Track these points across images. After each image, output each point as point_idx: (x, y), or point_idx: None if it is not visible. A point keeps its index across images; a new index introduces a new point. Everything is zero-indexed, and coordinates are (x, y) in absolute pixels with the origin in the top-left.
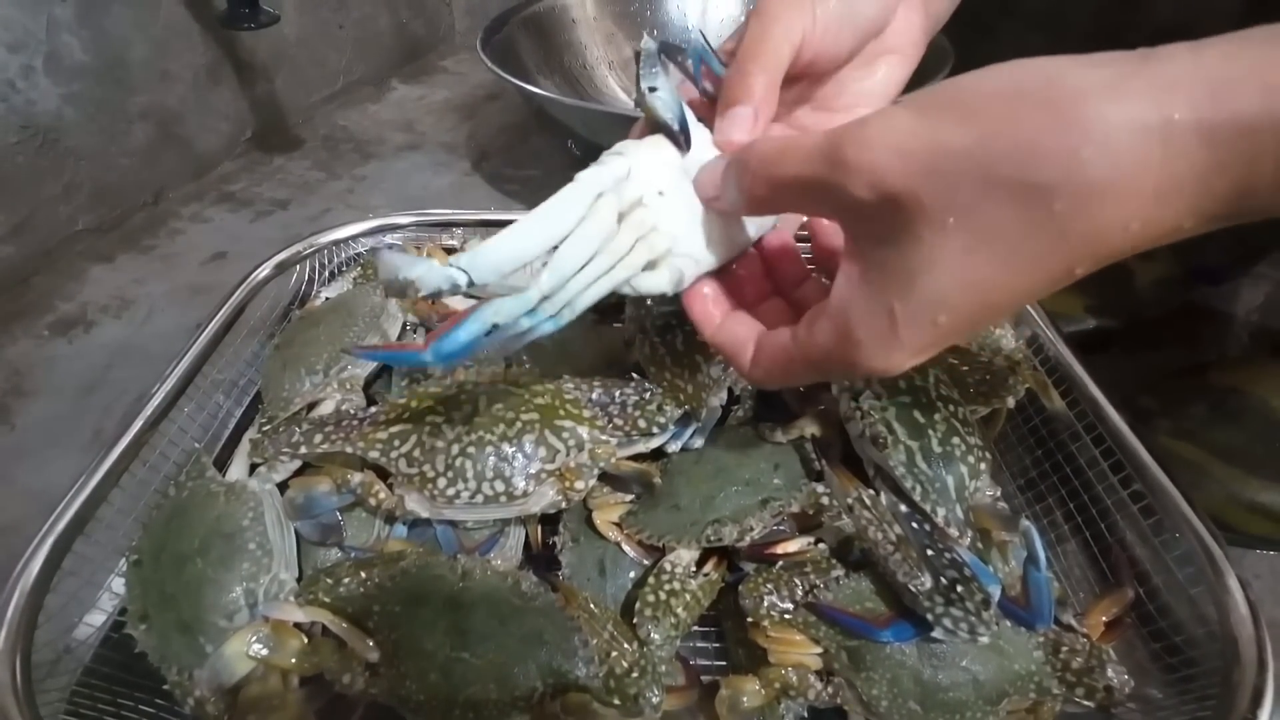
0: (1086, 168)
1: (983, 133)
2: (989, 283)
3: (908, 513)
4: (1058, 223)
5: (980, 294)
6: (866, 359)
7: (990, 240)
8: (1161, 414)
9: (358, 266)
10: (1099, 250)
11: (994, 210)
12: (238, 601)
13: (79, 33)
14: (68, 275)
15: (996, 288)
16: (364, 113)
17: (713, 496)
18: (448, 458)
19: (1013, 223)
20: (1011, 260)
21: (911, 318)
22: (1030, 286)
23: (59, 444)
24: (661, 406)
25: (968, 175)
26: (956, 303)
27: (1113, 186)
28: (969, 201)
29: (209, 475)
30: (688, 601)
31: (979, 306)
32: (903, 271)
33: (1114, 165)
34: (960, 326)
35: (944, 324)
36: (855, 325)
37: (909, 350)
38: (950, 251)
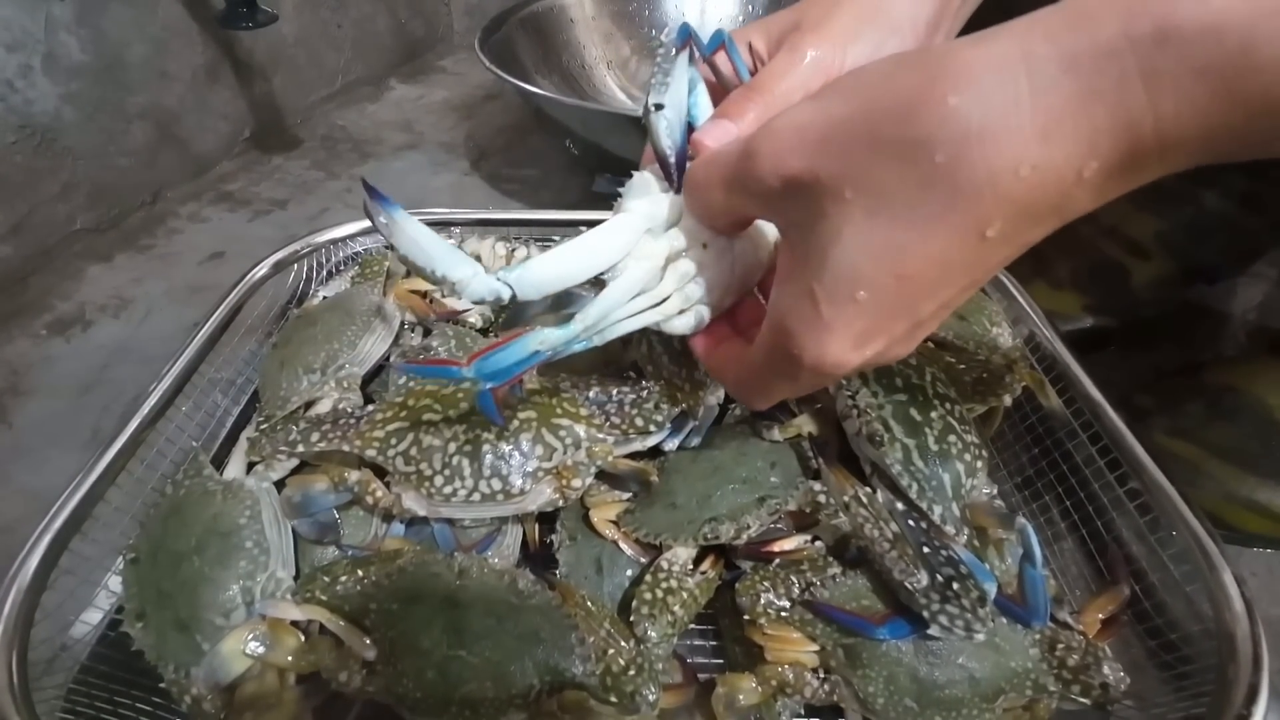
0: (958, 114)
1: (864, 100)
2: (897, 248)
3: (904, 510)
4: (945, 175)
5: (891, 261)
6: (802, 350)
7: (887, 202)
8: (1158, 412)
9: (355, 265)
10: (1000, 202)
11: (884, 172)
12: (234, 600)
13: (77, 32)
14: (65, 275)
15: (907, 254)
16: (362, 113)
17: (709, 495)
18: (445, 456)
19: (903, 182)
20: (912, 221)
21: (830, 295)
22: (943, 250)
23: (57, 443)
24: (658, 405)
25: (856, 142)
26: (871, 274)
27: (988, 129)
28: (861, 168)
29: (206, 474)
30: (685, 600)
31: (895, 278)
32: (816, 251)
33: (983, 107)
34: (886, 303)
35: (866, 301)
36: (784, 315)
37: (840, 335)
38: (853, 221)
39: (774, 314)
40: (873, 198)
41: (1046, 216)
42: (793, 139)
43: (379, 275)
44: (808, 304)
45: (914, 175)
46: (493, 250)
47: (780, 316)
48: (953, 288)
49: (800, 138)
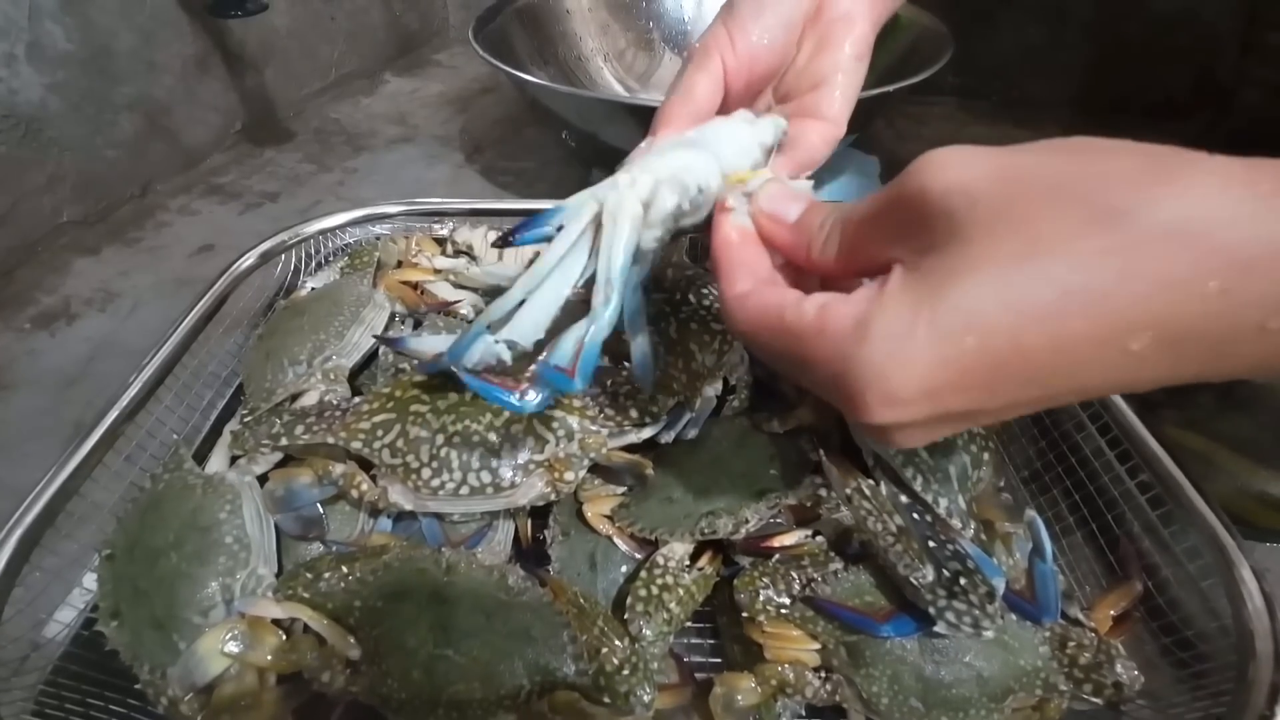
0: (1167, 201)
1: (1058, 153)
2: (1031, 309)
3: (908, 503)
4: (1127, 255)
5: (1017, 322)
6: (867, 357)
7: (1048, 251)
8: (1168, 403)
9: (345, 256)
10: (1167, 313)
11: (1058, 222)
12: (213, 597)
13: (63, 20)
14: (51, 268)
15: (1037, 320)
16: (356, 105)
17: (707, 489)
18: (432, 448)
19: (1075, 240)
20: (1064, 283)
21: (940, 320)
22: (1073, 336)
23: (39, 438)
24: (654, 396)
25: (1036, 184)
26: (991, 324)
27: (1192, 231)
28: (1032, 209)
29: (187, 467)
30: (681, 596)
31: (1010, 344)
32: (943, 273)
33: (1196, 209)
34: (982, 368)
35: (969, 349)
36: (874, 317)
37: (919, 364)
38: (999, 257)
39: (861, 308)
40: (1032, 241)
41: (1199, 354)
42: (957, 160)
43: (369, 266)
44: (907, 317)
45: (1092, 239)
46: (484, 239)
47: (867, 315)
48: (1049, 389)
49: (966, 160)
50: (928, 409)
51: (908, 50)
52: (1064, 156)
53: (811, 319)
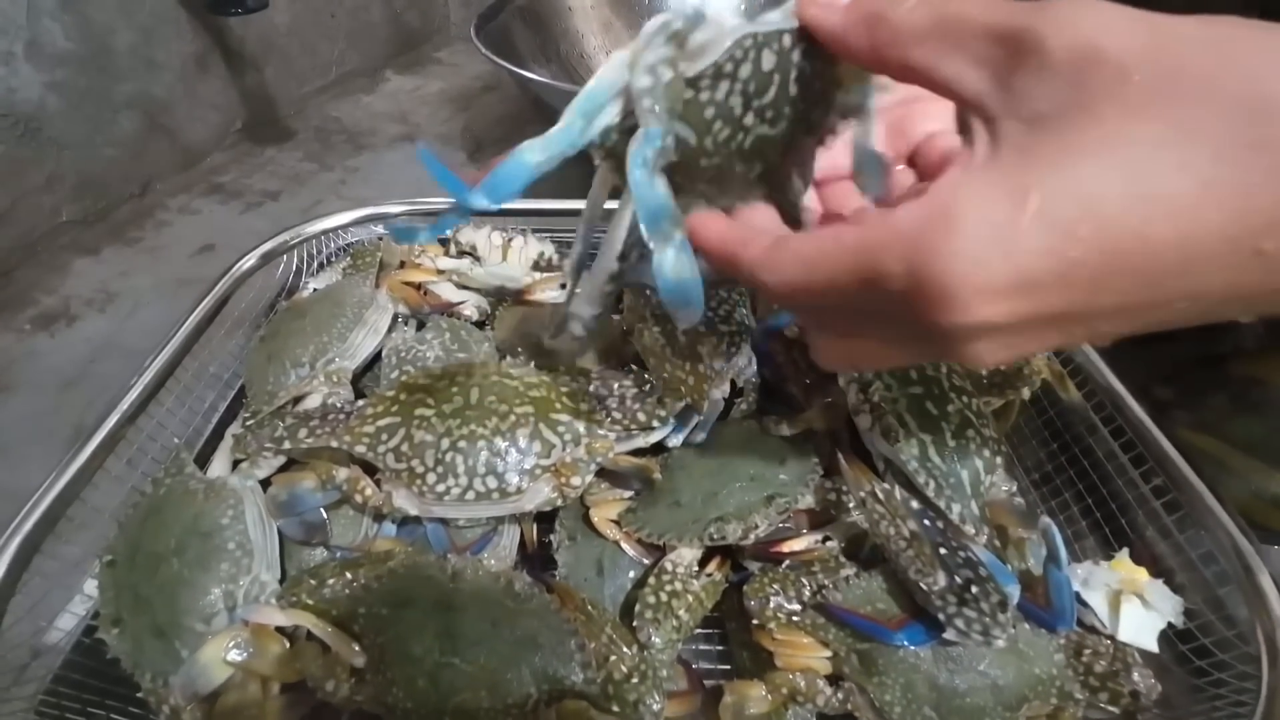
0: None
1: (1217, 28)
2: (1164, 201)
3: (920, 509)
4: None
5: (1146, 213)
6: (959, 247)
7: (1191, 139)
8: (1179, 405)
9: (347, 257)
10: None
11: (1209, 110)
12: (215, 604)
13: (61, 18)
14: (50, 268)
15: (1169, 213)
16: (357, 104)
17: (715, 493)
18: (437, 452)
19: (1227, 131)
20: (1207, 175)
21: (1050, 206)
22: (1207, 233)
23: (39, 441)
24: (661, 400)
25: (1194, 62)
26: (1114, 214)
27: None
28: (1182, 93)
29: (188, 472)
30: (690, 603)
31: (1134, 237)
32: (1058, 152)
33: None
34: (1095, 262)
35: (1083, 238)
36: (962, 203)
37: (1023, 253)
38: (1136, 140)
39: (941, 198)
40: (1177, 127)
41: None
42: (1108, 18)
43: (371, 267)
44: (1007, 201)
45: (1246, 136)
46: (488, 239)
47: (951, 203)
48: (1162, 292)
49: (1121, 23)
50: (1024, 307)
51: None
52: (1231, 31)
53: (878, 224)
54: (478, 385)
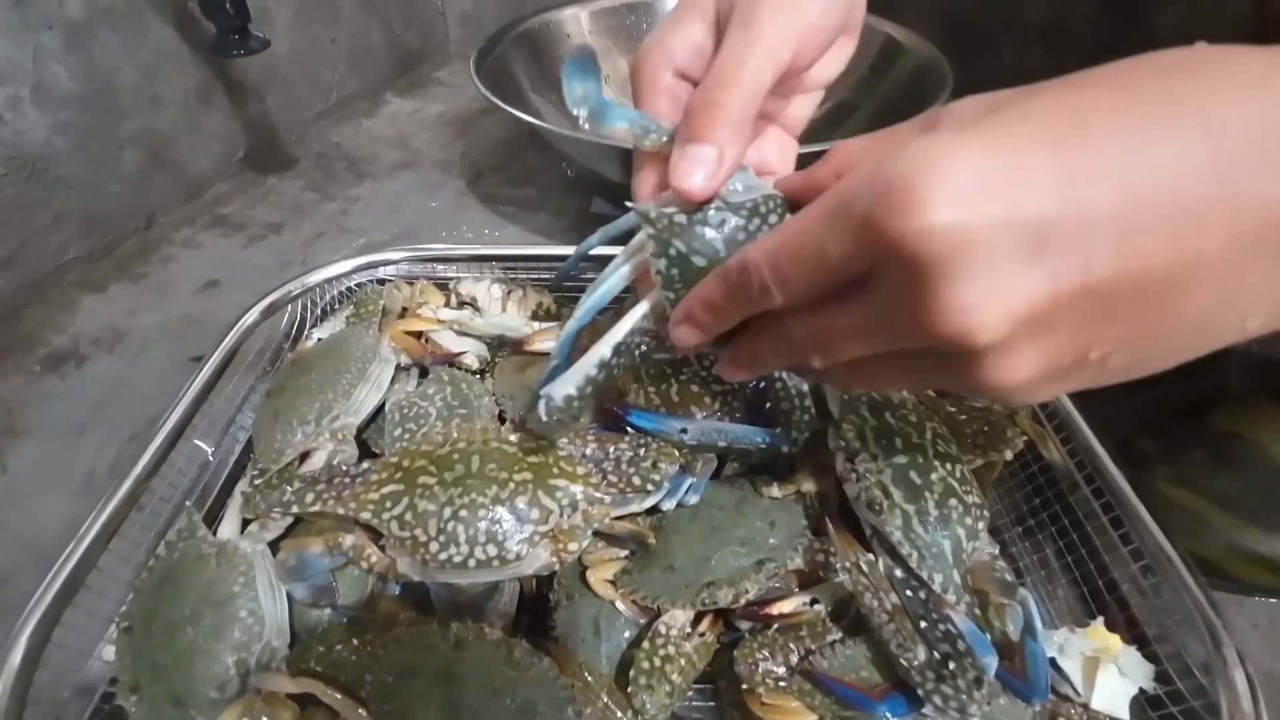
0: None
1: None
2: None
3: (904, 578)
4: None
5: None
6: (920, 146)
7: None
8: (1160, 459)
9: (350, 304)
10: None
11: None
12: (229, 672)
13: (66, 60)
14: (59, 306)
15: (1110, 102)
16: (358, 129)
17: (708, 557)
18: (439, 521)
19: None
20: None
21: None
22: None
23: (52, 487)
24: (656, 463)
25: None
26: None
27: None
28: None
29: (200, 535)
30: (682, 666)
31: (1074, 125)
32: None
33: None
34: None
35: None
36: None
37: (979, 140)
38: (1053, 89)
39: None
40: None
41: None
42: None
43: (374, 315)
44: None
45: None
46: (488, 293)
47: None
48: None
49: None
50: (992, 205)
51: (909, 79)
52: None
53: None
54: (478, 453)
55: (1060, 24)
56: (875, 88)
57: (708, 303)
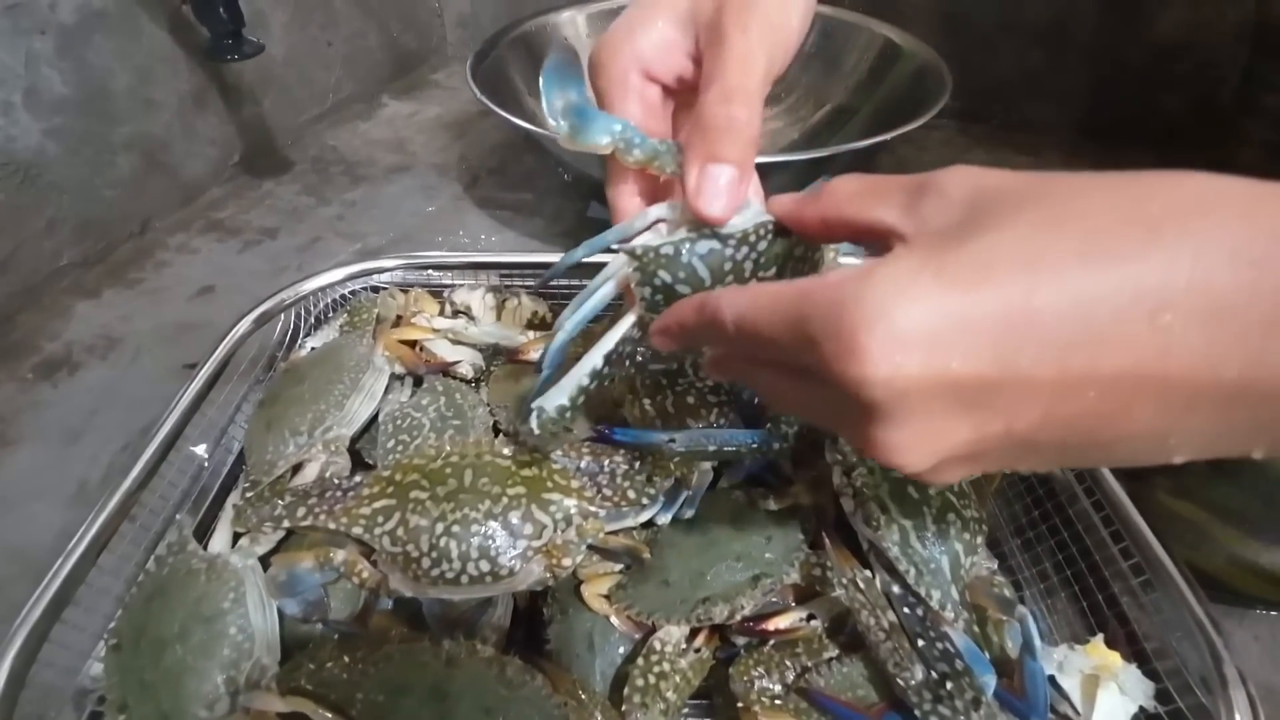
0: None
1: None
2: (1048, 265)
3: (901, 594)
4: (1152, 224)
5: (1031, 277)
6: (869, 292)
7: (1071, 219)
8: (1160, 471)
9: (344, 313)
10: (1196, 282)
11: (1083, 201)
12: (218, 690)
13: (59, 65)
14: (53, 313)
15: (1054, 277)
16: (354, 132)
17: (703, 573)
18: (432, 537)
19: (1100, 213)
20: (1084, 244)
21: (949, 268)
22: (1093, 297)
23: (43, 497)
24: (651, 477)
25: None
26: (1004, 276)
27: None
28: (1058, 196)
29: (190, 549)
30: (677, 683)
31: (1023, 298)
32: (955, 239)
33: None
34: (991, 321)
35: (979, 300)
36: (880, 265)
37: (924, 302)
38: (1020, 223)
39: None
40: (1055, 215)
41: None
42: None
43: (368, 324)
44: (915, 261)
45: (1119, 215)
46: (483, 302)
47: (871, 269)
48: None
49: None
50: (930, 366)
51: (909, 83)
52: (1087, 175)
53: (817, 281)
54: (471, 466)
55: (1060, 26)
56: (874, 91)
57: (682, 325)
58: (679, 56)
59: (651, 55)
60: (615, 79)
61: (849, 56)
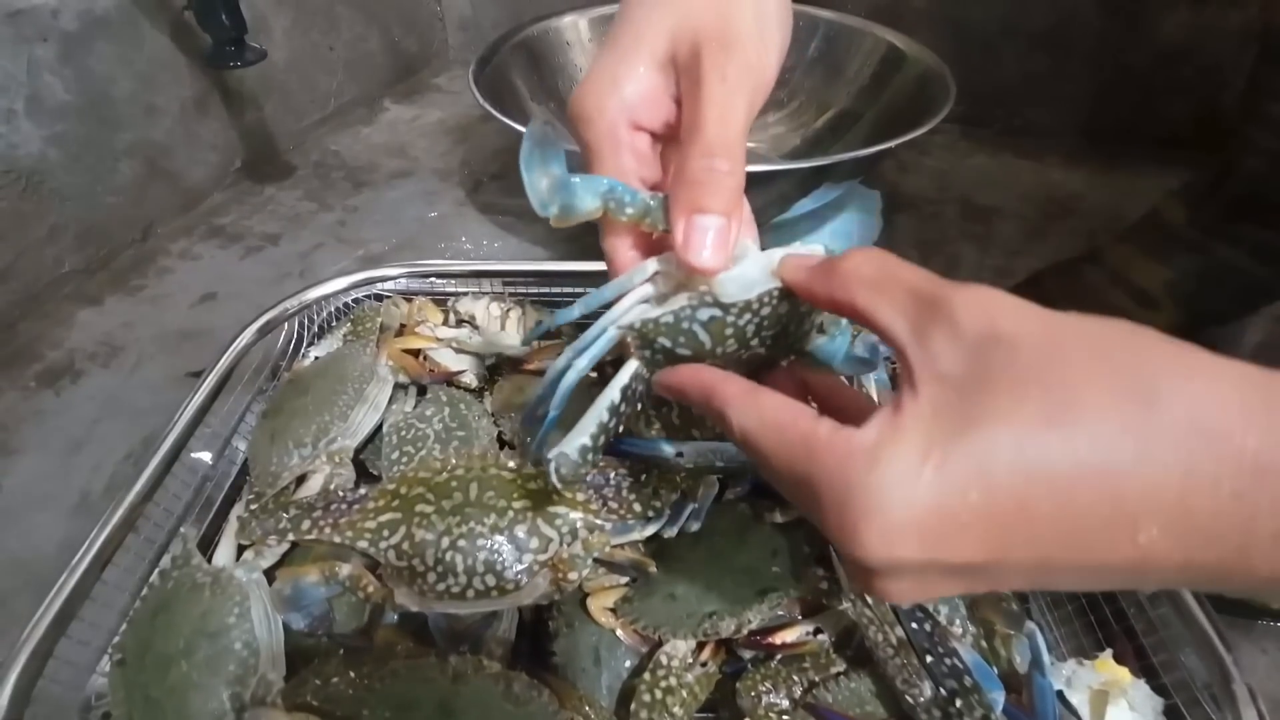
0: (1187, 395)
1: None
2: (1043, 475)
3: (908, 609)
4: (1147, 440)
5: (1026, 486)
6: (874, 484)
7: (1072, 420)
8: None
9: (347, 322)
10: (1178, 507)
11: (1089, 391)
12: (224, 707)
13: (61, 72)
14: (55, 320)
15: (1047, 488)
16: (356, 136)
17: (709, 586)
18: (437, 551)
19: (1101, 413)
20: (1080, 456)
21: (949, 468)
22: (1080, 511)
23: (46, 507)
24: (657, 490)
25: (1078, 349)
26: (999, 483)
27: (1209, 431)
28: (1068, 374)
29: (195, 563)
30: (684, 698)
31: (1015, 506)
32: (961, 418)
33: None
34: (982, 524)
35: (972, 503)
36: (886, 448)
37: (920, 506)
38: (1023, 416)
39: (868, 436)
40: (1064, 407)
41: (1212, 555)
42: (1013, 307)
43: (372, 333)
44: (917, 450)
45: (1118, 420)
46: (487, 312)
47: (875, 442)
48: (1051, 563)
49: (1020, 310)
50: (922, 555)
51: (912, 89)
52: (1108, 329)
53: (826, 433)
54: (476, 480)
55: (1063, 31)
56: (878, 97)
57: (684, 397)
58: (664, 102)
59: (638, 105)
60: (604, 134)
61: (852, 62)
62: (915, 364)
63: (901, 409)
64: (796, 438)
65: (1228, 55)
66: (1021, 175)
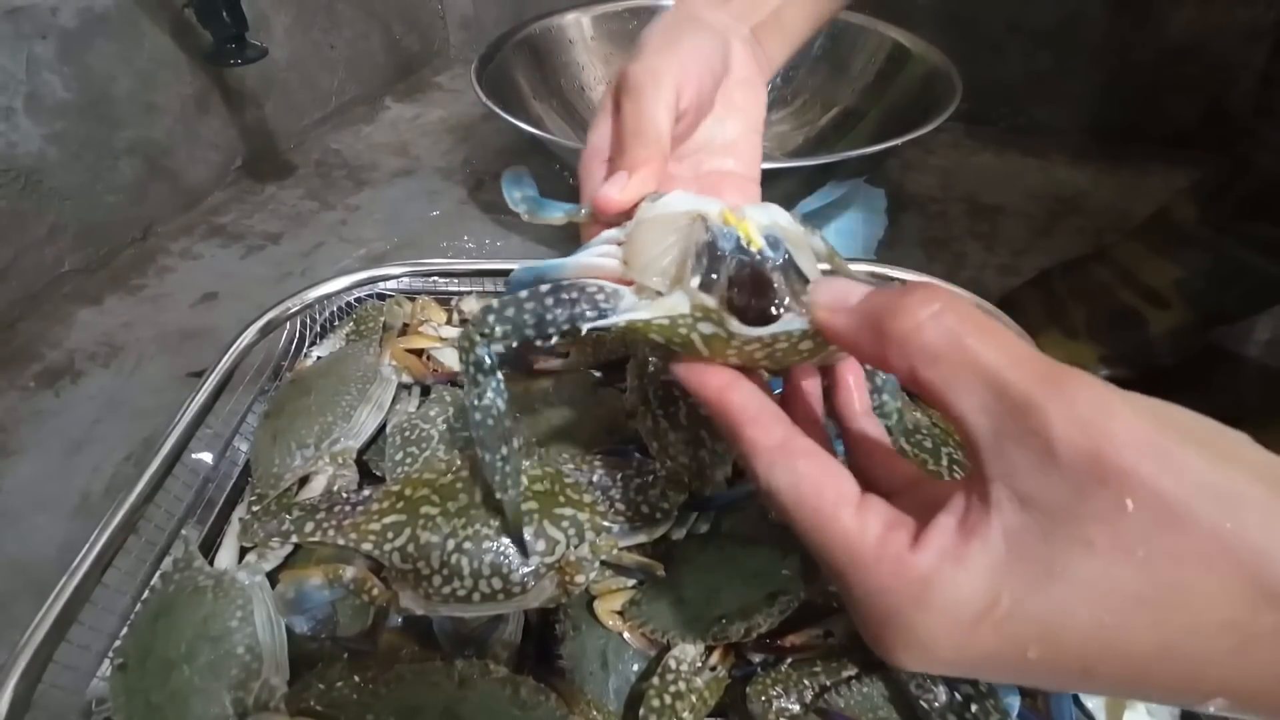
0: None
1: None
2: (1119, 653)
3: None
4: (1270, 632)
5: (1098, 654)
6: (921, 624)
7: (1175, 602)
8: None
9: (350, 321)
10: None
11: (1200, 576)
12: (226, 712)
13: (60, 70)
14: (54, 319)
15: (1120, 663)
16: (357, 135)
17: (718, 590)
18: (443, 554)
19: (1209, 607)
20: (1171, 641)
21: (1013, 620)
22: (1149, 691)
23: (45, 509)
24: (665, 492)
25: (1200, 509)
26: (1069, 645)
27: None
28: (1182, 544)
29: (196, 565)
30: (694, 703)
31: (1079, 670)
32: (1040, 566)
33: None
34: (1035, 670)
35: (1030, 660)
36: (942, 588)
37: (970, 652)
38: (1118, 584)
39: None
40: (1166, 569)
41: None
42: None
43: (375, 332)
44: (975, 601)
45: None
46: None
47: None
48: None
49: (1137, 435)
50: (956, 669)
51: (918, 86)
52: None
53: (872, 544)
54: (481, 482)
55: (1069, 28)
56: (883, 94)
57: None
58: None
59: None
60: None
61: (857, 59)
62: (992, 474)
63: (970, 533)
64: (837, 536)
65: (1235, 52)
66: (1027, 173)
